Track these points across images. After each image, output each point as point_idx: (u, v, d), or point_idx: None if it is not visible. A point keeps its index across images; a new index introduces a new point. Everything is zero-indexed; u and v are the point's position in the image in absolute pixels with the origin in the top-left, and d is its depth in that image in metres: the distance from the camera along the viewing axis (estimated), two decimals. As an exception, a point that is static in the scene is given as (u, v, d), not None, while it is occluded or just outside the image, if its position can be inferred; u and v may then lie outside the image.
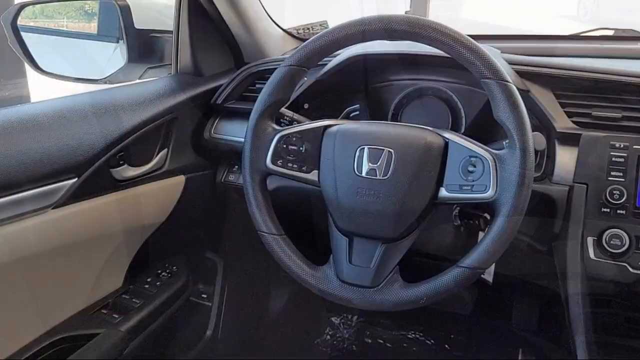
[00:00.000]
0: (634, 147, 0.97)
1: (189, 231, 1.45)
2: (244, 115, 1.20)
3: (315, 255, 0.98)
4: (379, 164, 0.89)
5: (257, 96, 0.98)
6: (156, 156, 1.22)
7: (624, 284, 0.95)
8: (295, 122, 1.06)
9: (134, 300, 1.23)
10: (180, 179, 1.29)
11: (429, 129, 0.93)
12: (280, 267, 0.96)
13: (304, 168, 0.96)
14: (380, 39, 0.93)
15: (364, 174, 0.90)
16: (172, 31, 1.39)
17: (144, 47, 1.50)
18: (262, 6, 1.49)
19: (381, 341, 1.84)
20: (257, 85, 1.33)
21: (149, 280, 1.31)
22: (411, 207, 0.89)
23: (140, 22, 1.47)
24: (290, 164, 0.96)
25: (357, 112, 1.24)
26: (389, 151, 0.89)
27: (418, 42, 0.89)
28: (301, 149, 0.96)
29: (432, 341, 1.80)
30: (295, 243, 0.97)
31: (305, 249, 0.98)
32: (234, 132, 1.32)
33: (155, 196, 1.24)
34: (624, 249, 0.93)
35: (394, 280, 0.90)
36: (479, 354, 1.75)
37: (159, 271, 1.36)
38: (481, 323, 1.79)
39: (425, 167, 0.88)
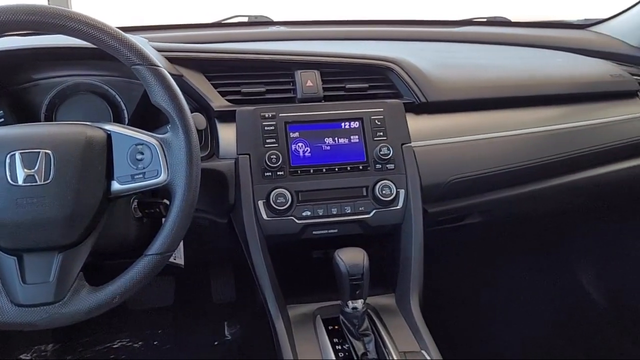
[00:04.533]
0: (280, 115, 1.11)
1: None
2: None
3: None
4: (37, 168, 0.81)
5: None
6: None
7: (294, 234, 1.09)
8: None
9: None
10: None
11: (87, 124, 0.89)
12: None
13: None
14: (6, 32, 0.83)
15: (20, 182, 0.81)
16: None
17: None
18: None
19: (86, 361, 1.71)
20: None
21: None
22: (83, 207, 0.84)
23: None
24: None
25: (2, 119, 1.10)
26: (46, 153, 0.82)
27: (57, 34, 0.84)
28: None
29: (139, 343, 1.75)
30: None
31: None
32: None
33: None
34: (288, 204, 1.06)
35: (80, 288, 0.84)
36: (188, 339, 1.78)
37: None
38: (185, 309, 1.82)
39: (91, 163, 0.85)
